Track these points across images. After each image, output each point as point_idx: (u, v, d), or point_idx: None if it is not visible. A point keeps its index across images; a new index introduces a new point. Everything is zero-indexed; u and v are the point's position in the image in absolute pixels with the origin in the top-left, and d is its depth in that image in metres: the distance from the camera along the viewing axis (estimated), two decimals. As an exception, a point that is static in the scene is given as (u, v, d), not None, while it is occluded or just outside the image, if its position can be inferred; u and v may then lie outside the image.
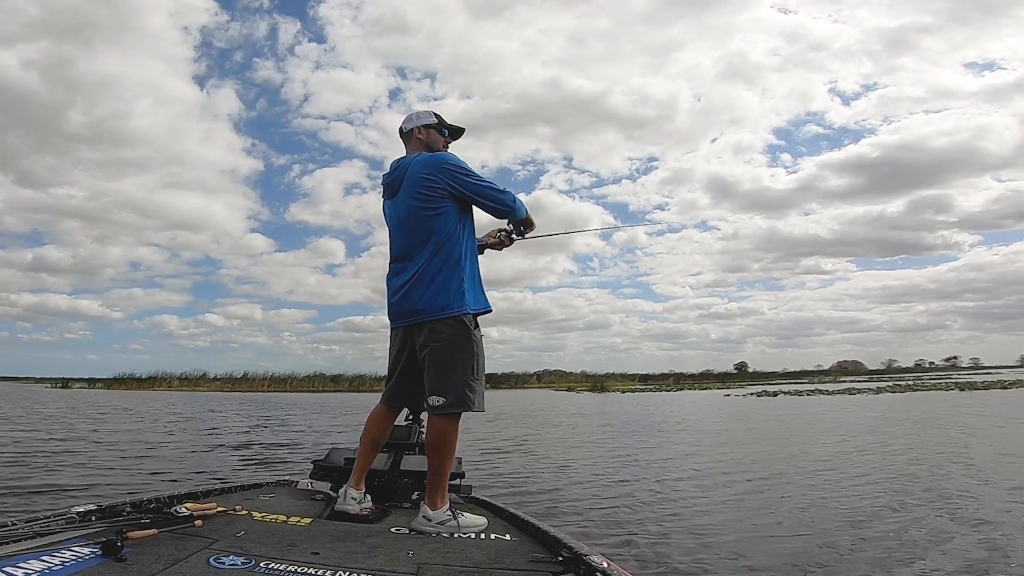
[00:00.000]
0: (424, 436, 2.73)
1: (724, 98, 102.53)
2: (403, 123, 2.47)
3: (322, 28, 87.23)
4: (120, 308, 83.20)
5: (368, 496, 2.35)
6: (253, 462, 6.64)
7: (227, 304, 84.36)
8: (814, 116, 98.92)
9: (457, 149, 2.52)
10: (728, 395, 27.74)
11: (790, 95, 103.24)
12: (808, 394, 25.12)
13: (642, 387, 49.63)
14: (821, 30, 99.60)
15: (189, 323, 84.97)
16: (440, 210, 2.24)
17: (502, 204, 2.31)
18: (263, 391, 42.30)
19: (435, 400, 2.17)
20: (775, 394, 26.08)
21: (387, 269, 2.41)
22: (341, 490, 2.37)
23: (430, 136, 2.43)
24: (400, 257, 2.35)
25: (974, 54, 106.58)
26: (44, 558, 1.46)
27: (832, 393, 25.04)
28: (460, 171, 2.26)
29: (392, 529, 2.15)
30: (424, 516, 2.16)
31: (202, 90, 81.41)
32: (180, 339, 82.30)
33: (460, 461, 2.91)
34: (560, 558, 1.75)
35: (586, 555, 1.69)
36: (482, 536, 2.09)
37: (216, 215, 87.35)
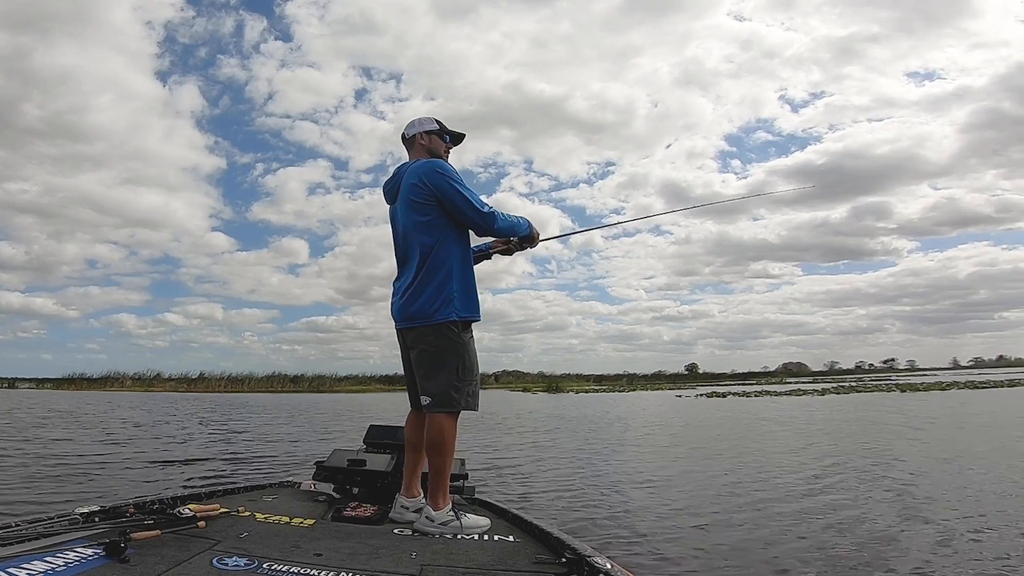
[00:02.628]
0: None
1: (680, 104, 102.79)
2: (405, 129, 2.50)
3: (289, 26, 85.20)
4: (76, 307, 79.77)
5: (422, 498, 2.35)
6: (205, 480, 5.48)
7: (187, 303, 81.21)
8: (764, 123, 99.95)
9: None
10: (679, 396, 27.82)
11: (742, 102, 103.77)
12: (756, 395, 25.26)
13: (596, 388, 49.77)
14: (774, 38, 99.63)
15: (148, 322, 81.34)
16: (431, 216, 2.28)
17: (475, 221, 2.31)
18: (220, 392, 40.70)
19: (424, 399, 2.26)
20: (724, 395, 26.16)
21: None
22: (396, 497, 2.41)
23: (432, 142, 2.46)
24: (399, 262, 2.43)
25: (916, 64, 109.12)
26: (47, 559, 1.46)
27: (779, 395, 25.02)
28: (445, 179, 2.27)
29: (395, 530, 2.15)
30: (427, 517, 2.17)
31: (164, 86, 77.82)
32: (138, 338, 79.22)
33: (463, 463, 2.91)
34: (564, 559, 1.74)
35: (590, 556, 1.68)
36: (485, 537, 2.08)
37: (176, 213, 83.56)
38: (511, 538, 2.07)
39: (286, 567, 1.58)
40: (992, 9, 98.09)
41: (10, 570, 1.36)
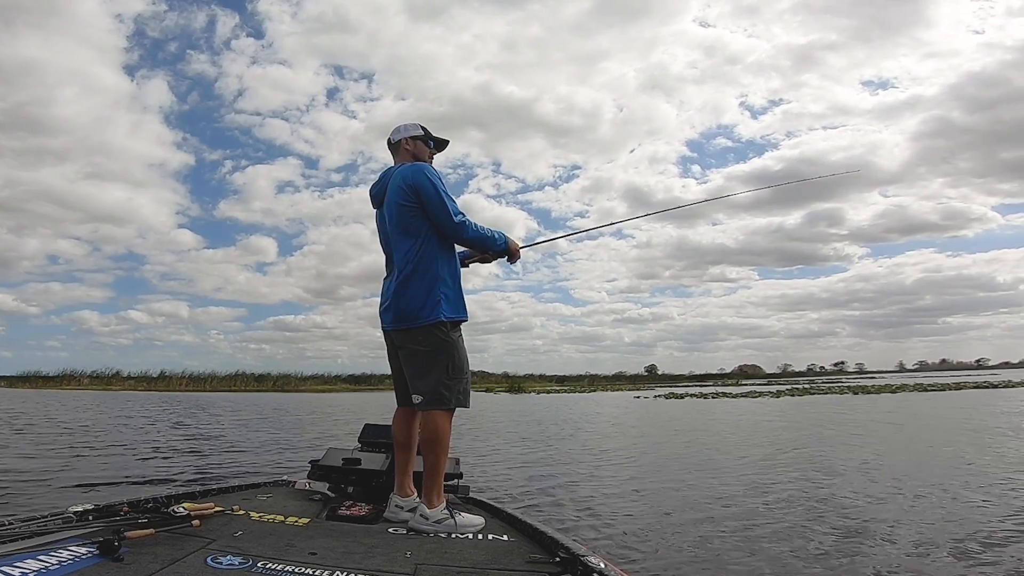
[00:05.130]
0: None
1: (644, 109, 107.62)
2: (391, 134, 2.53)
3: (261, 23, 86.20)
4: (36, 303, 79.80)
5: (416, 497, 2.37)
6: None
7: (151, 301, 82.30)
8: (724, 129, 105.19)
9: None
10: (638, 397, 28.12)
11: (704, 107, 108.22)
12: (713, 396, 25.57)
13: (558, 388, 50.64)
14: (737, 44, 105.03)
15: (111, 320, 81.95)
16: (417, 218, 2.31)
17: (446, 227, 2.32)
18: (181, 390, 39.71)
19: (415, 398, 2.30)
20: (682, 396, 26.51)
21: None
22: (390, 497, 2.42)
23: (417, 147, 2.49)
24: (386, 265, 2.47)
25: (871, 72, 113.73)
26: (41, 558, 1.46)
27: (735, 396, 25.28)
28: (428, 180, 2.30)
29: (390, 529, 2.16)
30: (421, 515, 2.18)
31: (132, 80, 78.68)
32: (100, 336, 79.64)
33: (458, 462, 2.92)
34: (557, 558, 1.75)
35: (583, 555, 1.69)
36: (480, 536, 2.10)
37: (142, 209, 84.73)
38: (505, 537, 2.08)
39: (281, 566, 1.58)
40: (946, 19, 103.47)
41: (4, 569, 1.36)
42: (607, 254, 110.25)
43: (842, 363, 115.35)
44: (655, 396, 28.10)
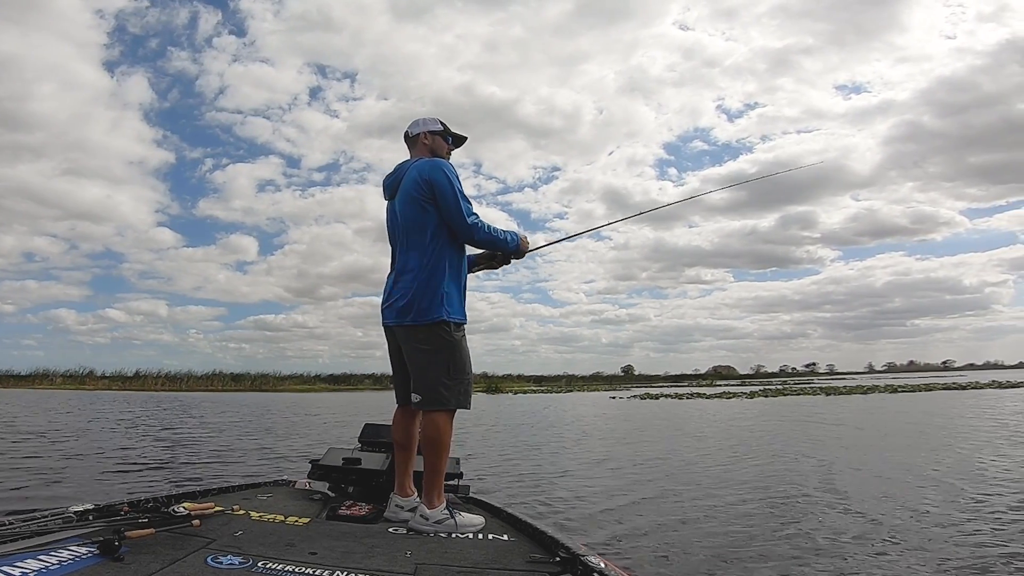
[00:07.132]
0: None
1: (624, 111, 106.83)
2: (409, 128, 2.51)
3: (243, 21, 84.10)
4: (12, 301, 75.89)
5: (416, 497, 2.36)
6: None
7: (129, 299, 79.56)
8: (701, 132, 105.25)
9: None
10: (613, 398, 28.13)
11: (682, 110, 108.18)
12: (688, 397, 25.67)
13: (535, 388, 51.30)
14: (715, 47, 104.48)
15: (88, 318, 78.63)
16: (428, 215, 2.29)
17: (458, 226, 2.31)
18: (156, 390, 38.90)
19: (414, 397, 2.28)
20: (657, 397, 26.61)
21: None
22: (390, 497, 2.42)
23: (435, 142, 2.47)
24: (392, 259, 2.44)
25: (845, 77, 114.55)
26: (41, 557, 1.46)
27: (710, 397, 25.30)
28: (446, 177, 2.29)
29: (390, 529, 2.16)
30: (421, 515, 2.18)
31: (112, 77, 75.93)
32: (78, 335, 76.94)
33: (458, 461, 2.92)
34: (557, 558, 1.75)
35: (583, 555, 1.69)
36: (480, 536, 2.10)
37: (121, 206, 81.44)
38: (505, 537, 2.08)
39: (281, 566, 1.58)
40: (919, 24, 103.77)
41: (4, 568, 1.36)
42: (585, 255, 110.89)
43: (813, 364, 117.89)
44: (630, 397, 28.10)
